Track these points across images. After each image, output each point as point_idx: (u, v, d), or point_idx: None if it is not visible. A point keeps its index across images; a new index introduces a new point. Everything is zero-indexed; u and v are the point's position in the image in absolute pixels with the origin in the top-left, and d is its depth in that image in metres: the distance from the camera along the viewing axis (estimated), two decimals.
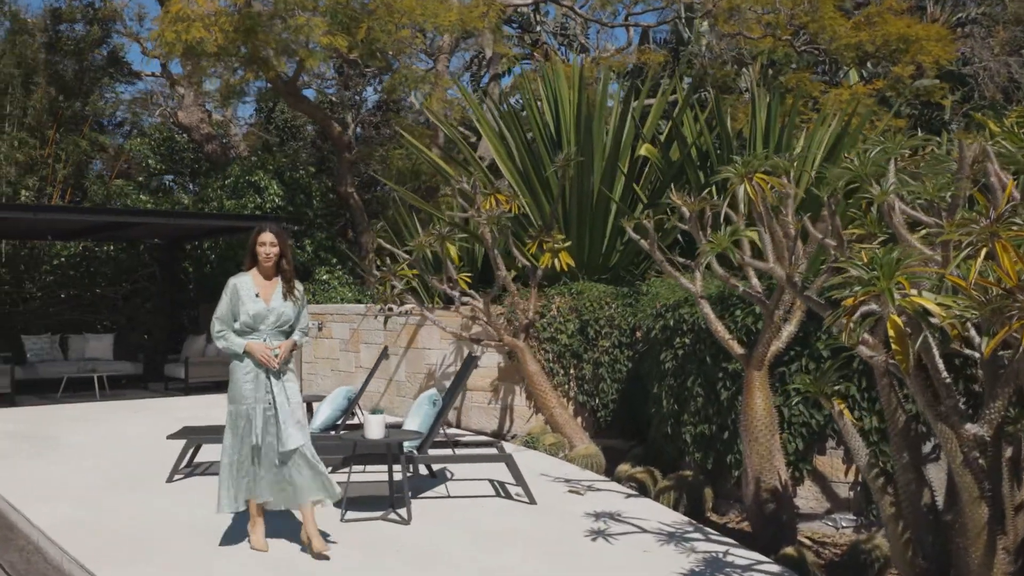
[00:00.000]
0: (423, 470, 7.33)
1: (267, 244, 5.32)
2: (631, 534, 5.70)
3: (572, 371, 9.56)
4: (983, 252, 3.01)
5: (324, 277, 15.72)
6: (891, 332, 3.23)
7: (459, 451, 7.19)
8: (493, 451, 7.03)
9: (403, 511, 5.94)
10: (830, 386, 4.47)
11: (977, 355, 3.76)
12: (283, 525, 5.61)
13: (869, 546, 5.48)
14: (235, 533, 5.54)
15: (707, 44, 18.41)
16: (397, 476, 6.16)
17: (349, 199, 17.32)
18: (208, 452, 7.87)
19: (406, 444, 6.44)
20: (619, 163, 10.07)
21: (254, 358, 5.25)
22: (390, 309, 9.72)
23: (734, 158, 4.61)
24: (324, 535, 5.35)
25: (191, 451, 7.70)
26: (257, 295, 5.29)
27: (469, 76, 22.72)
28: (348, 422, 7.97)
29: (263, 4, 13.60)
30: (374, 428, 5.86)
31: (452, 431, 9.85)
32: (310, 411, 8.52)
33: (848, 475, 6.42)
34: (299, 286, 5.47)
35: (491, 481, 7.09)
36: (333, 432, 7.46)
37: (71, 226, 13.66)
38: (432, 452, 6.96)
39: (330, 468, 6.30)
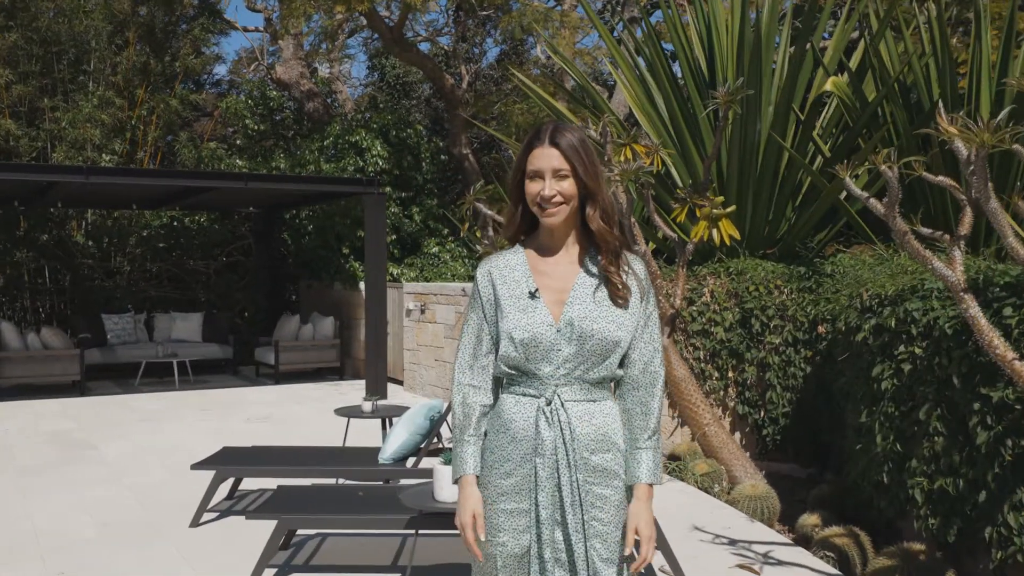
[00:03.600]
0: None
1: (547, 171, 2.21)
2: None
3: (730, 374, 7.36)
4: None
5: (434, 250, 13.84)
6: None
7: None
8: None
9: None
10: None
11: None
12: None
13: None
14: None
15: None
16: None
17: (464, 161, 15.40)
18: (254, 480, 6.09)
19: None
20: (792, 105, 7.69)
21: (522, 424, 2.24)
22: None
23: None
24: None
25: (232, 481, 5.95)
26: (534, 294, 2.27)
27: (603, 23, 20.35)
28: (434, 445, 5.94)
29: None
30: (447, 487, 3.87)
31: None
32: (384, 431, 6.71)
33: None
34: (637, 265, 2.32)
35: None
36: (409, 465, 5.48)
37: (154, 193, 12.22)
38: None
39: (396, 529, 4.45)
